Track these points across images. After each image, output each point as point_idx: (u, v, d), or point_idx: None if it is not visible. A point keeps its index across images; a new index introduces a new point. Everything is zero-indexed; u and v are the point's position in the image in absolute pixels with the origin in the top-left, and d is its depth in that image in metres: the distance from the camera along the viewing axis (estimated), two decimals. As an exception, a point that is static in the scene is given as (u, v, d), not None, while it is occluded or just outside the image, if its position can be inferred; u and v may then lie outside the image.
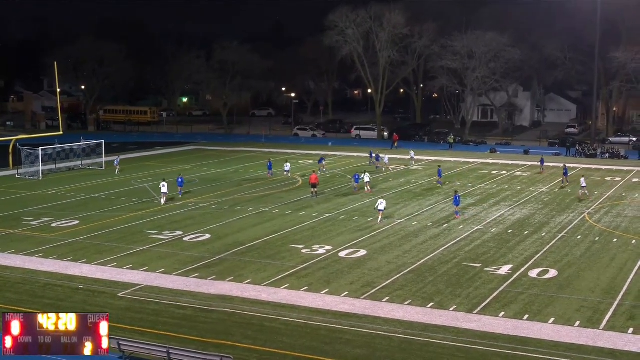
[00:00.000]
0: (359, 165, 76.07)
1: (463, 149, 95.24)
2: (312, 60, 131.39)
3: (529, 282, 34.86)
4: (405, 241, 43.11)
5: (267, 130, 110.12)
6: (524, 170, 73.67)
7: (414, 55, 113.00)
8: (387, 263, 38.13)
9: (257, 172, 70.94)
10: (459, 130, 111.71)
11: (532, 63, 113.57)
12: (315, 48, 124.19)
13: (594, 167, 76.81)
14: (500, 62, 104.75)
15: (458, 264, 38.17)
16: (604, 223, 48.67)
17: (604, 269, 37.39)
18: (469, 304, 31.49)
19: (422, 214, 51.03)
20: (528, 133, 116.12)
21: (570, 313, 30.46)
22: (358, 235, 44.36)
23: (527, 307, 31.21)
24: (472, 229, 46.37)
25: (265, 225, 47.05)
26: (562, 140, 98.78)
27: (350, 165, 75.87)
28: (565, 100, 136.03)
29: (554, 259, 39.18)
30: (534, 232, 45.64)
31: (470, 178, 68.09)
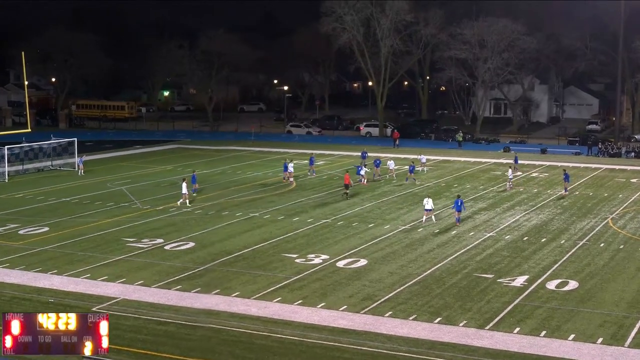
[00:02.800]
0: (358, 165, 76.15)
1: (473, 147, 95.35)
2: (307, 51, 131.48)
3: (547, 295, 34.86)
4: (410, 250, 43.10)
5: (257, 127, 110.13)
6: (540, 171, 73.77)
7: (419, 44, 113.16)
8: (389, 274, 38.12)
9: (246, 173, 70.92)
10: (469, 127, 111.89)
11: (550, 53, 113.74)
12: (310, 37, 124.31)
13: (618, 167, 76.90)
14: (515, 52, 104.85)
15: (468, 274, 38.16)
16: (630, 229, 48.70)
17: (630, 280, 37.40)
18: (481, 319, 31.48)
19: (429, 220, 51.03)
20: (545, 130, 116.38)
21: (593, 329, 30.45)
22: (358, 243, 44.34)
23: (544, 322, 31.20)
24: (484, 236, 46.37)
25: (255, 232, 47.00)
26: (583, 137, 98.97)
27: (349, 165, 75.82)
28: (586, 93, 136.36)
29: (575, 269, 39.19)
30: (552, 240, 45.66)
31: (482, 180, 68.13)
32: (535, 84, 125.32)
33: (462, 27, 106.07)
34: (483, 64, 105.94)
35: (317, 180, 66.64)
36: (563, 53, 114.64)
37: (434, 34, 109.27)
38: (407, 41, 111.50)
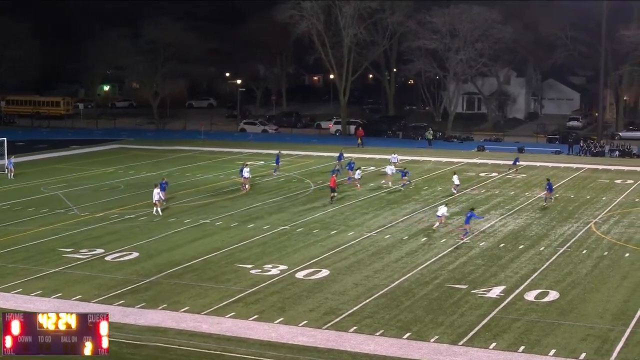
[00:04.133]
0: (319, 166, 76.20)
1: (445, 146, 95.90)
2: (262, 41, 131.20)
3: (525, 307, 35.13)
4: (376, 258, 43.21)
5: (207, 125, 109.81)
6: (518, 172, 74.31)
7: (385, 33, 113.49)
8: (354, 285, 38.18)
9: (196, 175, 70.67)
10: (440, 124, 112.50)
11: (527, 43, 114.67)
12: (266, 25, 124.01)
13: (601, 167, 77.75)
14: (489, 42, 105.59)
15: (440, 285, 38.35)
16: (614, 234, 49.27)
17: (615, 289, 37.83)
18: (454, 334, 31.64)
19: (397, 225, 51.22)
20: (523, 127, 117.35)
21: (575, 343, 30.74)
22: (319, 252, 44.37)
23: (523, 336, 31.44)
24: (457, 243, 46.62)
25: (205, 241, 46.86)
26: (564, 135, 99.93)
27: (309, 167, 75.92)
28: (566, 87, 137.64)
29: (555, 279, 39.55)
30: (531, 246, 46.05)
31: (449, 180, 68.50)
32: (512, 77, 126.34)
33: (431, 15, 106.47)
34: (455, 55, 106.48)
35: (274, 184, 66.58)
36: (542, 43, 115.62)
37: (401, 22, 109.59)
38: (372, 30, 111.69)
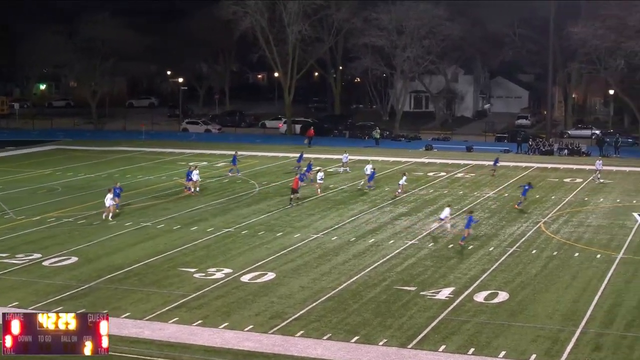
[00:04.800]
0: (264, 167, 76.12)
1: (392, 145, 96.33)
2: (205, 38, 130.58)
3: (475, 308, 35.41)
4: (323, 261, 43.27)
5: (148, 125, 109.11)
6: (466, 171, 74.94)
7: (331, 30, 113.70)
8: (300, 288, 38.20)
9: (137, 177, 70.18)
10: (387, 123, 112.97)
11: (475, 41, 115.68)
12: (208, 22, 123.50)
13: (550, 166, 78.65)
14: (436, 39, 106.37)
15: (388, 287, 38.49)
16: (564, 234, 49.86)
17: (564, 290, 38.28)
18: (403, 337, 31.78)
19: (344, 227, 51.34)
20: (471, 125, 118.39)
21: (525, 344, 31.05)
22: (264, 255, 44.30)
23: (472, 338, 31.68)
24: (405, 244, 46.86)
25: (147, 244, 46.57)
26: (512, 133, 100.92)
27: (253, 167, 75.76)
28: (514, 85, 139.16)
29: (505, 279, 39.92)
30: (480, 247, 46.42)
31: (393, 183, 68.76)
32: (460, 75, 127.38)
33: (378, 12, 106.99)
34: (402, 52, 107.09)
35: (218, 185, 66.36)
36: (489, 40, 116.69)
37: (346, 19, 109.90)
38: (317, 27, 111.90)
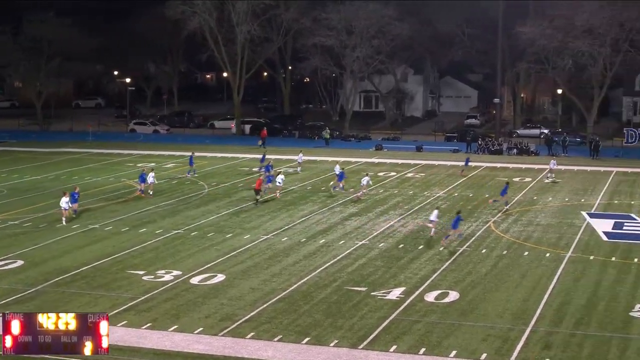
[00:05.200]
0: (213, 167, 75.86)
1: (342, 145, 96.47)
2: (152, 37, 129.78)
3: (426, 308, 35.56)
4: (274, 262, 43.21)
5: (95, 126, 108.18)
6: (416, 171, 75.27)
7: (280, 30, 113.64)
8: (251, 290, 38.10)
9: (84, 179, 69.53)
10: (337, 123, 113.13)
11: (424, 40, 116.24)
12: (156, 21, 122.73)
13: (500, 165, 79.27)
14: (386, 39, 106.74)
15: (339, 288, 38.53)
16: (513, 233, 50.25)
17: (514, 288, 38.59)
18: (354, 338, 31.81)
19: (294, 228, 51.32)
20: (421, 125, 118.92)
21: (476, 344, 31.25)
22: (214, 256, 44.15)
23: (423, 338, 31.80)
24: (356, 245, 46.94)
25: (95, 247, 46.17)
26: (462, 133, 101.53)
27: (203, 168, 75.41)
28: (464, 85, 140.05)
29: (455, 279, 40.15)
30: (430, 247, 46.64)
31: (352, 182, 68.91)
32: (409, 75, 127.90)
33: (327, 12, 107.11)
34: (351, 52, 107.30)
35: (167, 186, 65.98)
36: (438, 40, 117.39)
37: (295, 19, 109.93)
38: (266, 27, 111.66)
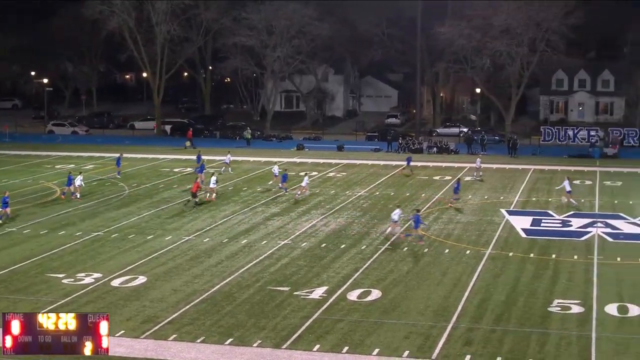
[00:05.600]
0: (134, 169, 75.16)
1: (264, 145, 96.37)
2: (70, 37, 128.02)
3: (348, 307, 35.71)
4: (196, 263, 42.99)
5: (12, 127, 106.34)
6: (338, 171, 75.53)
7: (200, 30, 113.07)
8: (173, 291, 37.86)
9: (1, 181, 68.29)
10: (259, 123, 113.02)
11: (344, 40, 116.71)
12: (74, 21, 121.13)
13: (420, 164, 79.88)
14: (306, 39, 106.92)
15: (262, 288, 38.50)
16: (434, 231, 50.73)
17: (436, 286, 38.97)
18: (277, 337, 31.81)
19: (216, 228, 51.12)
20: (342, 125, 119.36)
21: (398, 341, 31.47)
22: (135, 258, 43.76)
23: (346, 337, 31.93)
24: (278, 245, 46.94)
25: (12, 250, 45.45)
26: (382, 132, 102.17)
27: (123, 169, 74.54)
28: (384, 84, 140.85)
29: (377, 277, 40.38)
30: (352, 245, 46.85)
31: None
32: (330, 74, 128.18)
33: (247, 11, 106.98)
34: (272, 52, 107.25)
35: (86, 188, 65.06)
36: (358, 40, 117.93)
37: (215, 19, 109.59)
38: (186, 27, 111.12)
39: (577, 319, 34.18)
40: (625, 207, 58.71)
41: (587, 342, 31.42)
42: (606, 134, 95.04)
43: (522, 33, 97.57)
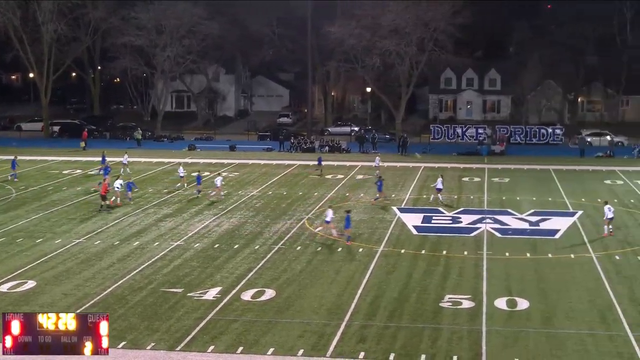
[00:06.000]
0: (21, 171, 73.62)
1: (155, 146, 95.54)
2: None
3: (243, 307, 35.69)
4: (87, 266, 42.37)
5: None
6: (230, 170, 75.33)
7: (88, 29, 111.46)
8: (64, 296, 37.25)
9: None
10: (149, 123, 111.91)
11: (235, 40, 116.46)
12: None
13: (312, 163, 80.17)
14: (196, 39, 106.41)
15: (155, 290, 38.18)
16: (327, 230, 51.00)
17: (329, 284, 39.21)
18: (171, 340, 31.59)
19: (107, 230, 50.47)
20: (234, 125, 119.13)
21: (293, 340, 31.59)
22: (24, 262, 42.90)
23: (241, 337, 31.91)
24: (171, 246, 46.60)
25: None
26: (274, 132, 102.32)
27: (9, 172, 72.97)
28: (275, 84, 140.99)
29: (271, 277, 40.45)
30: (246, 245, 46.83)
31: (166, 182, 68.40)
32: (221, 74, 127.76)
33: (136, 11, 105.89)
34: (161, 51, 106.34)
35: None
36: (249, 40, 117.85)
37: (104, 18, 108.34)
38: (74, 26, 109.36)
39: (467, 313, 34.86)
40: (512, 203, 60.07)
41: (477, 336, 32.09)
42: (493, 131, 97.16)
43: (411, 33, 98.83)
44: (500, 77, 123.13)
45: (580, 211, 56.77)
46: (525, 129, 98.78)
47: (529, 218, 54.88)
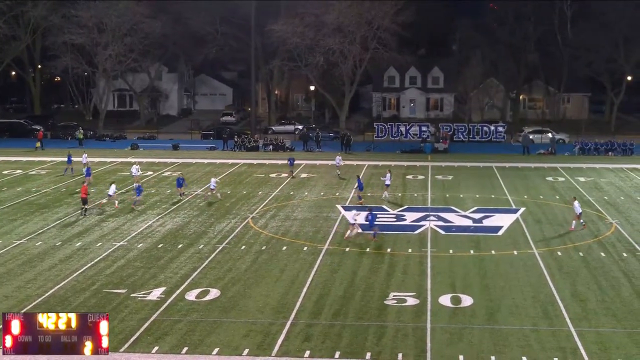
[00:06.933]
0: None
1: (97, 145, 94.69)
2: None
3: (187, 307, 35.53)
4: (28, 267, 41.88)
5: None
6: (174, 170, 74.94)
7: (28, 28, 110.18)
8: (4, 298, 36.80)
9: None
10: (91, 123, 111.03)
11: (177, 38, 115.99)
12: None
13: (256, 162, 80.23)
14: (138, 37, 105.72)
15: (98, 291, 37.86)
16: (271, 228, 51.00)
17: (274, 283, 39.19)
18: (114, 341, 31.29)
19: (48, 231, 49.92)
20: (177, 124, 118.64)
21: (238, 340, 31.52)
22: (-37, 265, 42.33)
23: (186, 337, 31.77)
24: (114, 246, 46.24)
25: None
26: (218, 131, 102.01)
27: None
28: (219, 82, 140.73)
29: (215, 276, 40.32)
30: (190, 245, 46.62)
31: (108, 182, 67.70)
32: (163, 73, 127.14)
33: (77, 9, 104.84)
34: (103, 50, 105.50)
35: None
36: (192, 38, 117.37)
37: (44, 16, 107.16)
38: (13, 24, 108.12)
39: (412, 310, 35.06)
40: (456, 200, 60.55)
41: (422, 332, 32.28)
42: (437, 129, 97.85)
43: (354, 31, 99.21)
44: (443, 75, 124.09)
45: (522, 208, 57.44)
46: (468, 126, 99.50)
47: (472, 215, 55.36)
